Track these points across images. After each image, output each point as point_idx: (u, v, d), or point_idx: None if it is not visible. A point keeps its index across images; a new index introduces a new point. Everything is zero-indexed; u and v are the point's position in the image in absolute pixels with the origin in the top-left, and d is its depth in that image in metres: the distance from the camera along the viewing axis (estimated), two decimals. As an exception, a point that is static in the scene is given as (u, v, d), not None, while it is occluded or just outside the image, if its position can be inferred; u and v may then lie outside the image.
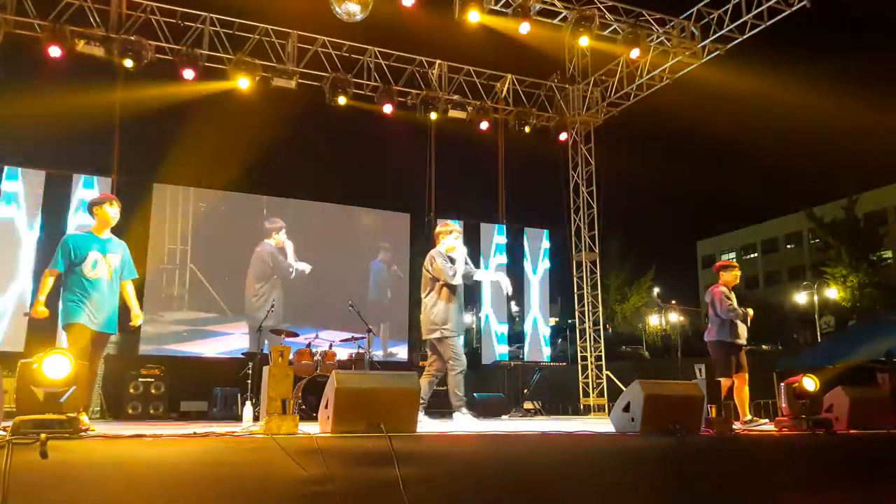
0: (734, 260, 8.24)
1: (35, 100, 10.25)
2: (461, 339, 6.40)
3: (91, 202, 5.41)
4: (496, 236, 12.98)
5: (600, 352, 12.92)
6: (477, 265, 9.85)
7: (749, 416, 7.11)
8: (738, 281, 7.48)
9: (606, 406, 12.06)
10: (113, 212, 5.33)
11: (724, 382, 7.00)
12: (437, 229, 6.69)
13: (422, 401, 6.08)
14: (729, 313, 7.17)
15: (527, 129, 12.49)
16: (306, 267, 12.11)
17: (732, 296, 7.35)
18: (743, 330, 7.27)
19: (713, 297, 7.32)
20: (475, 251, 12.25)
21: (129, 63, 9.75)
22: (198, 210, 11.18)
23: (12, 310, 9.71)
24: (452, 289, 6.27)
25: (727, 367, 7.14)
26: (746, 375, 7.21)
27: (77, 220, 10.24)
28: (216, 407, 9.48)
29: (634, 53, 10.99)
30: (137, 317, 5.47)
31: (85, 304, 5.07)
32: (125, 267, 5.43)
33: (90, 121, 10.64)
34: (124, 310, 5.49)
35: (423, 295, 6.49)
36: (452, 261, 6.36)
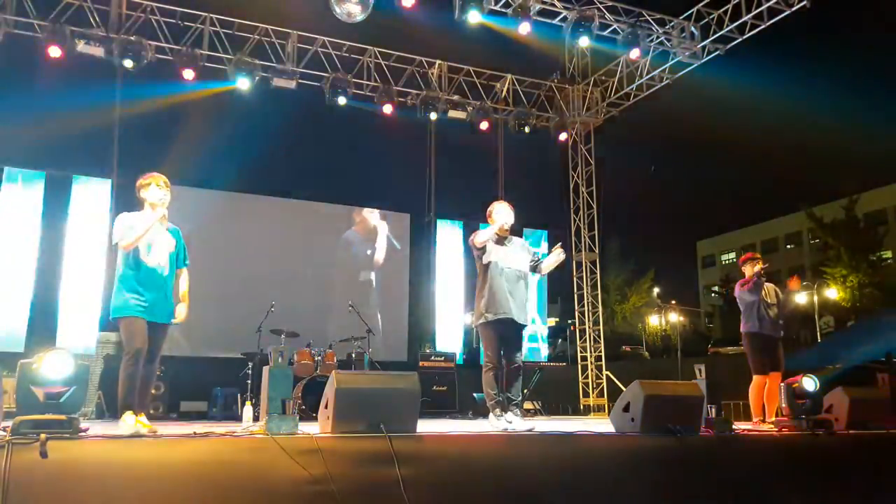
0: (748, 256, 8.15)
1: (35, 100, 10.25)
2: (503, 332, 5.49)
3: (137, 186, 4.78)
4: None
5: (600, 352, 12.91)
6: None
7: (760, 419, 6.82)
8: (757, 269, 7.00)
9: (606, 406, 12.05)
10: (161, 194, 4.71)
11: (756, 380, 6.83)
12: (488, 210, 5.94)
13: (493, 397, 5.41)
14: (745, 297, 6.92)
15: (527, 130, 12.48)
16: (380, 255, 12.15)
17: (763, 287, 6.99)
18: (772, 318, 6.92)
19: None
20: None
21: (129, 63, 9.75)
22: (198, 210, 11.17)
23: (12, 310, 9.70)
24: (496, 273, 5.56)
25: (755, 363, 6.85)
26: (780, 374, 6.74)
27: (77, 221, 10.24)
28: (216, 407, 9.48)
29: (634, 53, 10.98)
30: (182, 312, 4.89)
31: (142, 294, 4.57)
32: (180, 254, 4.94)
33: (90, 121, 10.63)
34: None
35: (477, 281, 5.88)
36: (502, 242, 5.70)
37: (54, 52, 9.52)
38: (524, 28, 9.90)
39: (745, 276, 7.15)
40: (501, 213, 5.76)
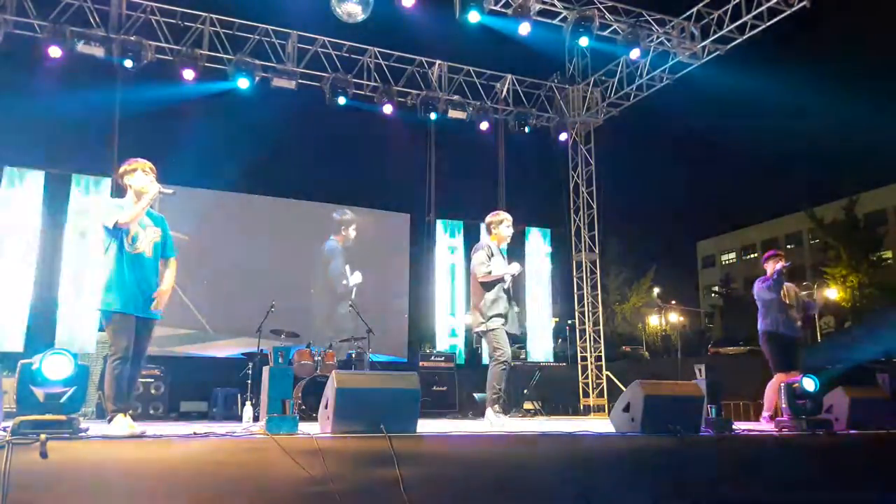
0: (771, 253, 8.03)
1: (35, 99, 10.24)
2: (506, 334, 5.80)
3: (121, 172, 4.63)
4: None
5: (600, 352, 12.91)
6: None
7: (771, 415, 6.67)
8: (779, 266, 6.92)
9: (606, 406, 12.05)
10: (147, 180, 4.57)
11: (777, 377, 6.73)
12: (488, 219, 6.06)
13: (499, 392, 5.59)
14: (763, 294, 6.88)
15: (527, 130, 12.49)
16: (357, 279, 12.29)
17: (783, 285, 6.96)
18: (790, 318, 6.87)
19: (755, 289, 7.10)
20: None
21: (128, 63, 9.75)
22: (197, 210, 11.17)
23: (12, 310, 9.69)
24: (497, 289, 5.77)
25: (776, 361, 6.80)
26: (799, 374, 6.53)
27: (77, 221, 10.23)
28: (216, 407, 9.48)
29: (634, 53, 10.99)
30: (163, 294, 4.58)
31: (127, 288, 4.40)
32: (166, 243, 4.76)
33: (90, 121, 10.62)
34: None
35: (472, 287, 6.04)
36: (501, 254, 5.87)
37: (54, 52, 9.52)
38: (524, 28, 9.90)
39: (767, 273, 7.09)
40: (508, 230, 5.96)
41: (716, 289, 41.67)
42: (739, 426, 5.58)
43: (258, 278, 11.33)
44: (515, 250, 13.27)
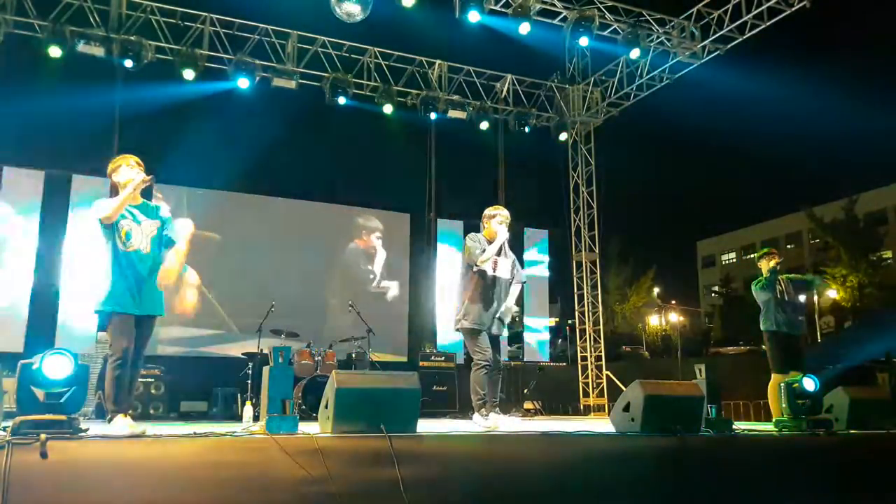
0: (764, 252, 7.96)
1: (35, 99, 10.24)
2: (487, 335, 5.65)
3: (108, 173, 4.55)
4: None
5: (600, 352, 12.91)
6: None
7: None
8: (772, 265, 6.94)
9: (606, 406, 12.05)
10: (133, 173, 4.43)
11: (775, 378, 6.70)
12: (484, 213, 6.03)
13: (482, 397, 5.48)
14: (759, 295, 6.86)
15: (527, 130, 12.49)
16: (391, 285, 12.49)
17: (781, 282, 6.93)
18: (790, 315, 6.83)
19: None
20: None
21: (129, 63, 9.76)
22: (198, 210, 11.16)
23: (12, 310, 9.69)
24: (483, 279, 5.69)
25: (775, 360, 6.78)
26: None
27: (76, 221, 10.23)
28: (216, 407, 9.48)
29: (634, 53, 10.99)
30: (163, 272, 4.42)
31: (124, 287, 4.29)
32: (165, 234, 4.56)
33: (90, 121, 10.62)
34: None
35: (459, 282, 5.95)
36: (491, 243, 5.80)
37: (54, 52, 9.53)
38: (524, 28, 9.90)
39: (762, 272, 7.10)
40: (498, 226, 5.82)
41: (716, 289, 41.64)
42: (739, 426, 5.58)
43: (257, 278, 11.32)
44: (515, 250, 13.28)
